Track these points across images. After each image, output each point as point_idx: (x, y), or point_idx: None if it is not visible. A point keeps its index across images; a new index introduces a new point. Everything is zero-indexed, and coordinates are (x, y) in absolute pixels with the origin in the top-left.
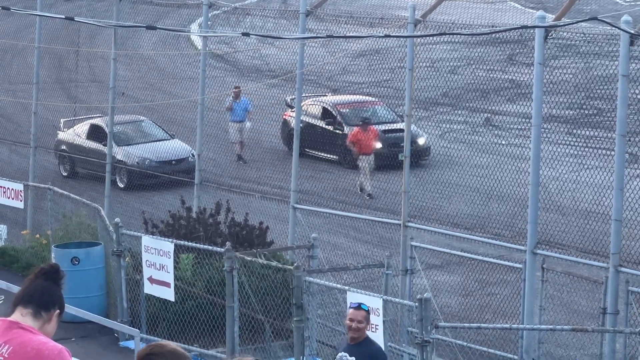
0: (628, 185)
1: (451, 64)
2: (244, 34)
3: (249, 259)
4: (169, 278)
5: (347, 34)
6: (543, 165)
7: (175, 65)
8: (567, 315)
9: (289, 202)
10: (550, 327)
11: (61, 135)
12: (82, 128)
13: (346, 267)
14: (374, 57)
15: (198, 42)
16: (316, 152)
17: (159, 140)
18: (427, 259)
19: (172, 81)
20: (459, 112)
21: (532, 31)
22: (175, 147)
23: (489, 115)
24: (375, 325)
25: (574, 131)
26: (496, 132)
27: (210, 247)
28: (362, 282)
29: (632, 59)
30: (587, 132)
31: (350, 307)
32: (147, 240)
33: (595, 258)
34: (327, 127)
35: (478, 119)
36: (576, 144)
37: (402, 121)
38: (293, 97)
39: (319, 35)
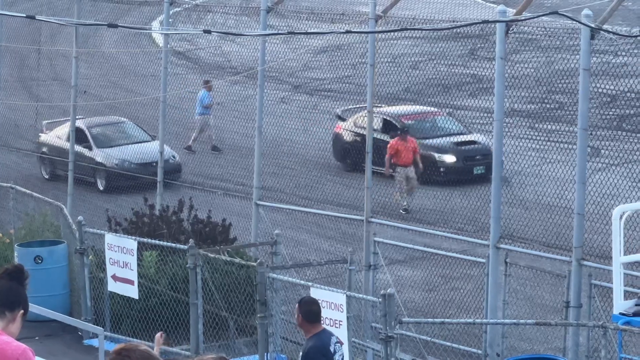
0: (590, 179)
1: (413, 59)
2: (205, 31)
3: (212, 255)
4: (133, 276)
5: (309, 30)
6: (505, 159)
7: (137, 63)
8: (530, 309)
9: (251, 199)
10: (514, 321)
11: (43, 137)
12: (63, 130)
13: (309, 263)
14: (336, 53)
15: (159, 39)
16: (377, 167)
17: (140, 142)
18: (390, 255)
19: (134, 79)
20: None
21: (493, 26)
22: (156, 149)
23: (451, 110)
24: (339, 321)
25: (536, 125)
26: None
27: (173, 245)
28: (325, 278)
29: (593, 53)
30: (549, 126)
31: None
32: (110, 238)
33: (558, 252)
34: (389, 140)
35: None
36: (538, 138)
37: (471, 132)
38: (345, 108)
39: (280, 31)
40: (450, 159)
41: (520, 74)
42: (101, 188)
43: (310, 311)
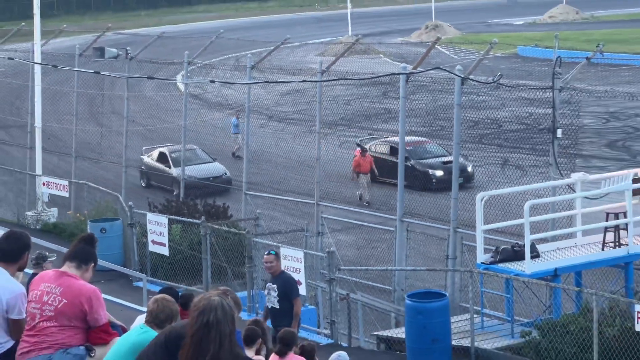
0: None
1: (346, 98)
2: (211, 81)
3: (216, 227)
4: (165, 240)
5: (278, 80)
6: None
7: (167, 102)
8: (423, 260)
9: (242, 190)
10: (413, 268)
11: (143, 158)
12: (154, 154)
13: (280, 231)
14: (296, 95)
15: (181, 87)
16: (387, 179)
17: (204, 163)
18: (332, 226)
19: (165, 112)
20: (352, 130)
21: (398, 76)
22: (213, 168)
23: (371, 131)
24: (299, 268)
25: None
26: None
27: (191, 220)
28: (290, 241)
29: (463, 93)
30: (435, 142)
31: (265, 254)
32: (150, 216)
33: (441, 223)
34: (397, 161)
35: (364, 134)
36: None
37: (450, 154)
38: (362, 138)
39: (259, 81)
40: (439, 173)
41: (416, 108)
42: (175, 193)
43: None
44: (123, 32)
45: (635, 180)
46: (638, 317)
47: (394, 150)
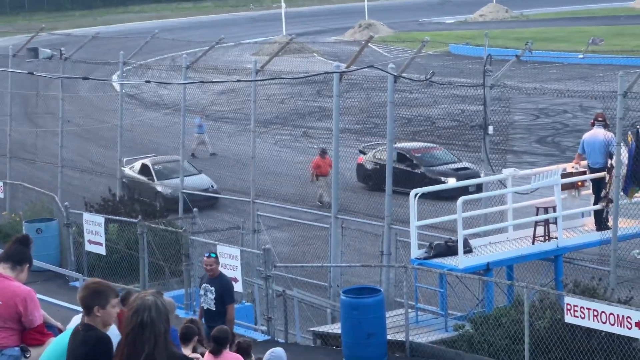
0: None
1: (280, 97)
2: (146, 81)
3: (153, 226)
4: (102, 240)
5: (213, 80)
6: (341, 160)
7: (103, 102)
8: (358, 256)
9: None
10: (348, 264)
11: (125, 171)
12: (136, 165)
13: (216, 229)
14: (231, 94)
15: (117, 87)
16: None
17: (190, 175)
18: (268, 223)
19: (101, 112)
20: (286, 128)
21: (332, 75)
22: (199, 180)
23: (306, 129)
24: (236, 266)
25: (361, 138)
26: (310, 140)
27: (128, 219)
28: (226, 239)
29: (396, 91)
30: (369, 139)
31: (204, 256)
32: (86, 216)
33: (376, 219)
34: (406, 168)
35: (298, 132)
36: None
37: (461, 160)
38: (365, 144)
39: (195, 81)
40: (452, 180)
41: (349, 106)
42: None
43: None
44: (57, 32)
45: (563, 176)
46: (567, 309)
47: (400, 157)
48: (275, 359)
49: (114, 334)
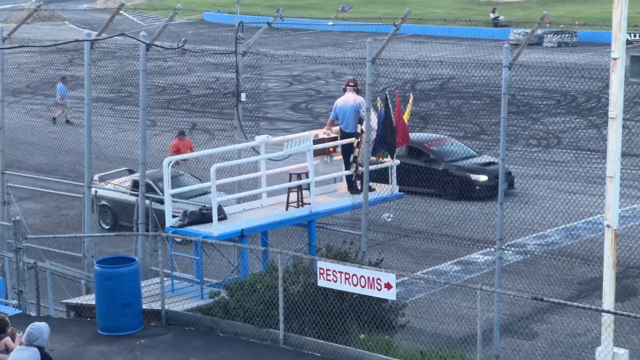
0: (150, 141)
1: (30, 66)
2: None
3: None
4: None
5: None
6: (94, 129)
7: None
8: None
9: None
10: (101, 234)
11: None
12: (126, 182)
13: None
14: None
15: None
16: (406, 187)
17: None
18: (19, 194)
19: None
20: (37, 97)
21: (83, 43)
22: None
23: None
24: None
25: (114, 107)
26: (67, 111)
27: None
28: None
29: (150, 59)
30: (123, 108)
31: None
32: None
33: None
34: (423, 164)
35: (50, 102)
36: (115, 115)
37: (479, 154)
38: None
39: None
40: (483, 178)
41: (103, 74)
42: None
43: None
44: None
45: (316, 142)
46: (320, 274)
47: (413, 151)
48: (36, 332)
49: None
